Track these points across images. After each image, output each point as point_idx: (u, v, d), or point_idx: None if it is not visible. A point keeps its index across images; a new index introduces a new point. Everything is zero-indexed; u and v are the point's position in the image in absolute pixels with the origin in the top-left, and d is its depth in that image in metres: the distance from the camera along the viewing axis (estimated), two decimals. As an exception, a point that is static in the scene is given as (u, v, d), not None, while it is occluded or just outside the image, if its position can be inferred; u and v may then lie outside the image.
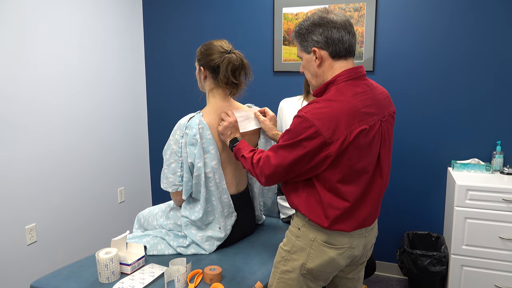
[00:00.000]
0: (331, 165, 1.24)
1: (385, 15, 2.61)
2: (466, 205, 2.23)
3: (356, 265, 1.47)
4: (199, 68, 1.71)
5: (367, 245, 1.41)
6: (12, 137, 2.22)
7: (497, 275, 2.23)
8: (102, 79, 2.84)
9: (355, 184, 1.27)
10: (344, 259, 1.34)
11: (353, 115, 1.21)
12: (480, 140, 2.54)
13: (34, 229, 2.38)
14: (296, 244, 1.35)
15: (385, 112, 1.33)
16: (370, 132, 1.25)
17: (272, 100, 2.95)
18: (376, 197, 1.34)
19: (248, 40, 2.96)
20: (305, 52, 1.34)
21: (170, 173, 1.65)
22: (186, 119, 1.63)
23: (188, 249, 1.70)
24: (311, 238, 1.32)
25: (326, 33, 1.27)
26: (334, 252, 1.31)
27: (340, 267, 1.36)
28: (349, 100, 1.23)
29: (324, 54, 1.29)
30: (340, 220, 1.28)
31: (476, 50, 2.47)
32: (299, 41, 1.34)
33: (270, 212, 2.20)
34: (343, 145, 1.20)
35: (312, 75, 1.35)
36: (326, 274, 1.36)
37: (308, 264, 1.33)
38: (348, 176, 1.25)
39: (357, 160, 1.24)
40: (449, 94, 2.56)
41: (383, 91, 1.37)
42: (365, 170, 1.27)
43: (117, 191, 3.06)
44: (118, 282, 1.47)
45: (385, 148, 1.34)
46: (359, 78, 1.30)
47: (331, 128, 1.19)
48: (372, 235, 1.43)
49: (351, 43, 1.30)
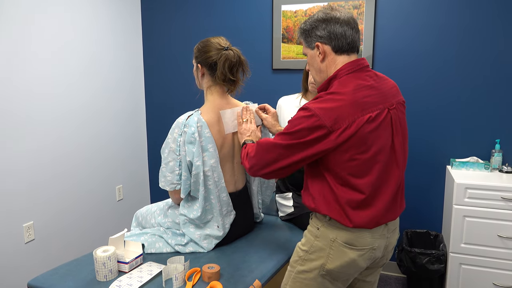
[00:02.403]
0: (338, 156, 1.23)
1: (384, 12, 2.60)
2: (465, 203, 2.23)
3: (375, 267, 1.45)
4: (196, 65, 1.70)
5: (388, 247, 1.38)
6: (10, 137, 2.21)
7: (496, 273, 2.23)
8: (101, 79, 2.83)
9: (367, 175, 1.25)
10: (365, 261, 1.32)
11: (355, 105, 1.21)
12: (479, 139, 2.53)
13: (32, 227, 2.37)
14: (314, 244, 1.33)
15: (393, 101, 1.32)
16: (376, 120, 1.24)
17: (271, 97, 2.94)
18: (394, 188, 1.32)
19: (246, 37, 2.95)
20: (309, 48, 1.36)
21: (168, 172, 1.64)
22: (184, 117, 1.63)
23: (186, 247, 1.69)
24: (331, 238, 1.30)
25: (329, 28, 1.29)
26: (355, 254, 1.29)
27: (360, 269, 1.34)
28: (351, 91, 1.24)
29: (327, 48, 1.31)
30: (359, 215, 1.26)
31: (476, 48, 2.47)
32: (304, 37, 1.36)
33: (269, 210, 2.20)
34: (345, 134, 1.20)
35: (316, 71, 1.37)
36: (346, 275, 1.33)
37: (327, 265, 1.31)
38: (358, 167, 1.24)
39: (365, 149, 1.23)
40: (447, 93, 2.55)
41: (389, 81, 1.38)
42: (376, 159, 1.25)
43: (115, 189, 3.06)
44: (115, 280, 1.46)
45: (399, 137, 1.32)
46: (361, 70, 1.31)
47: (332, 117, 1.19)
48: (394, 236, 1.40)
49: (354, 38, 1.31)
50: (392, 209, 1.33)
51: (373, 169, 1.26)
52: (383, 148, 1.27)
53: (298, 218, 1.99)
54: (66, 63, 2.54)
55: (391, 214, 1.33)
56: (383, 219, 1.30)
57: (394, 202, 1.33)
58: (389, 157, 1.29)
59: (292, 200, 2.03)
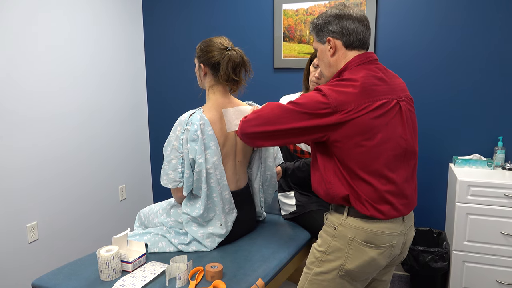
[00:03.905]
0: (344, 143, 1.24)
1: (385, 10, 2.60)
2: (468, 201, 2.23)
3: (392, 265, 1.44)
4: (199, 65, 1.71)
5: (406, 243, 1.38)
6: (13, 136, 2.22)
7: (499, 271, 2.23)
8: (102, 79, 2.84)
9: (377, 165, 1.25)
10: (384, 259, 1.31)
11: (363, 91, 1.24)
12: (481, 136, 2.53)
13: (36, 227, 2.38)
14: (332, 245, 1.32)
15: (401, 94, 1.33)
16: (382, 108, 1.25)
17: (272, 96, 2.94)
18: (407, 178, 1.32)
19: (248, 36, 2.95)
20: (321, 42, 1.39)
21: (170, 170, 1.65)
22: (187, 115, 1.63)
23: (189, 247, 1.70)
24: (349, 237, 1.29)
25: (342, 24, 1.33)
26: (375, 252, 1.28)
27: (380, 267, 1.32)
28: (360, 78, 1.26)
29: (338, 43, 1.35)
30: (377, 207, 1.26)
31: (479, 45, 2.46)
32: (316, 31, 1.40)
33: (271, 209, 2.20)
34: (347, 115, 1.22)
35: (326, 65, 1.40)
36: (365, 274, 1.32)
37: (346, 265, 1.29)
38: (365, 155, 1.24)
39: (371, 135, 1.23)
40: (450, 90, 2.55)
41: (398, 77, 1.40)
42: (384, 147, 1.25)
43: (118, 189, 3.06)
44: (119, 280, 1.47)
45: (410, 128, 1.33)
46: (370, 63, 1.34)
47: (338, 99, 1.23)
48: (411, 233, 1.40)
49: (365, 35, 1.35)
50: (406, 200, 1.32)
51: (381, 158, 1.25)
52: (391, 137, 1.26)
53: (301, 216, 1.99)
54: (69, 60, 2.55)
55: (406, 206, 1.32)
56: (398, 212, 1.29)
57: (408, 192, 1.33)
58: (399, 147, 1.28)
59: (294, 199, 2.03)
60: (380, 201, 1.27)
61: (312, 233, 1.93)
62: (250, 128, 1.42)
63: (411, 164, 1.34)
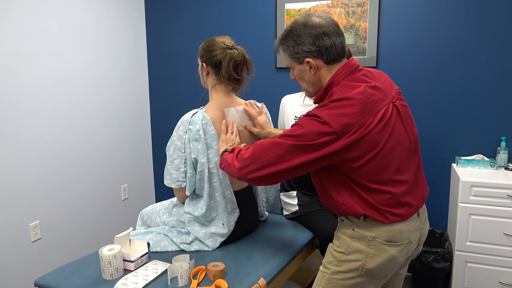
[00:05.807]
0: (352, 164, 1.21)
1: (389, 9, 2.59)
2: (471, 201, 2.22)
3: (408, 260, 1.44)
4: (201, 64, 1.71)
5: (421, 238, 1.38)
6: (16, 136, 2.23)
7: (502, 272, 2.22)
8: (104, 78, 2.84)
9: (388, 174, 1.24)
10: (403, 255, 1.31)
11: (363, 108, 1.20)
12: (484, 136, 2.52)
13: (38, 227, 2.39)
14: (351, 245, 1.30)
15: (392, 93, 1.31)
16: (383, 118, 1.23)
17: (274, 96, 2.94)
18: (416, 173, 1.32)
19: (250, 36, 2.95)
20: (297, 63, 1.32)
21: (173, 169, 1.65)
22: (189, 115, 1.63)
23: (191, 246, 1.70)
24: (369, 237, 1.27)
25: (318, 43, 1.26)
26: (395, 250, 1.28)
27: (399, 264, 1.32)
28: (357, 95, 1.21)
29: (319, 62, 1.29)
30: (393, 211, 1.25)
31: (483, 45, 2.45)
32: (288, 54, 1.32)
33: (273, 209, 2.20)
34: (354, 136, 1.18)
35: (309, 84, 1.34)
36: (385, 272, 1.31)
37: (367, 264, 1.28)
38: (376, 167, 1.22)
39: (380, 148, 1.22)
40: (453, 90, 2.54)
41: (382, 74, 1.36)
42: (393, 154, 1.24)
43: (121, 188, 3.07)
44: (121, 278, 1.47)
45: (409, 125, 1.32)
46: (354, 71, 1.30)
47: (341, 122, 1.17)
48: (426, 226, 1.40)
49: (342, 44, 1.29)
50: (421, 191, 1.33)
51: (392, 165, 1.24)
52: (397, 142, 1.26)
53: (303, 216, 1.99)
54: (72, 59, 2.55)
55: (420, 198, 1.33)
56: (415, 208, 1.30)
57: (418, 186, 1.33)
58: (405, 148, 1.28)
59: (296, 199, 2.03)
60: (398, 205, 1.26)
61: (314, 232, 1.93)
62: (249, 175, 1.30)
63: (416, 156, 1.34)
